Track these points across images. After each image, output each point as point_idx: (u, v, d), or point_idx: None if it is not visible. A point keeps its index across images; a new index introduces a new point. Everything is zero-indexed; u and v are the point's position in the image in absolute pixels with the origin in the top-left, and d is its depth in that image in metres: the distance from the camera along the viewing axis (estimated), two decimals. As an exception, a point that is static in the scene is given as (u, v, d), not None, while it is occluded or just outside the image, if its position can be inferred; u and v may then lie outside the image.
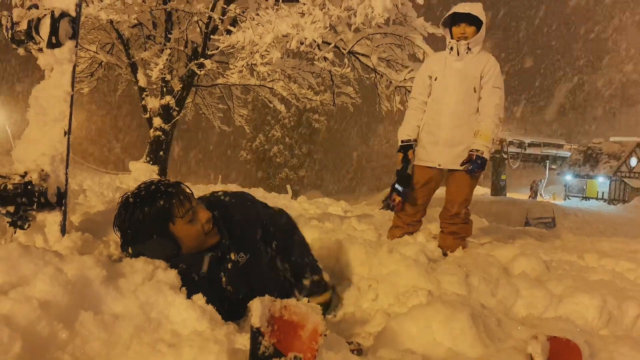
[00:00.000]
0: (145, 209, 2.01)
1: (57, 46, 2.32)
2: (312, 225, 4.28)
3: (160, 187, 2.06)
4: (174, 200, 2.05)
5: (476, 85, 3.71)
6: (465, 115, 3.73)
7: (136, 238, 2.02)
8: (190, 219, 2.07)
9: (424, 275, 2.63)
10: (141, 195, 2.04)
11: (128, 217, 2.02)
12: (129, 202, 2.04)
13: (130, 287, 1.71)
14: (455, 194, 3.82)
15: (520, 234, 5.41)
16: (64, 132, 2.31)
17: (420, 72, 3.95)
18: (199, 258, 2.10)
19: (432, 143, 3.79)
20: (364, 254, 2.98)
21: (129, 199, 2.05)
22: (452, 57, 3.77)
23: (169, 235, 2.03)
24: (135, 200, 2.03)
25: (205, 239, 2.12)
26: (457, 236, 3.84)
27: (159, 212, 2.01)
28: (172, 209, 2.03)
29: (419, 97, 3.89)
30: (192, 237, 2.08)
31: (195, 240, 2.09)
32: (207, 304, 1.75)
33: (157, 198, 2.03)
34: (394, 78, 8.25)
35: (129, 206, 2.03)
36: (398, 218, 4.01)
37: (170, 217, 2.03)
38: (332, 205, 9.55)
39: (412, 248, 3.14)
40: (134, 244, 2.03)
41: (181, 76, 9.95)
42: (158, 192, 2.04)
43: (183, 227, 2.05)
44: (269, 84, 10.16)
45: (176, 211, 2.04)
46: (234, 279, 2.16)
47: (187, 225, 2.06)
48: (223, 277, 2.15)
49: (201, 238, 2.10)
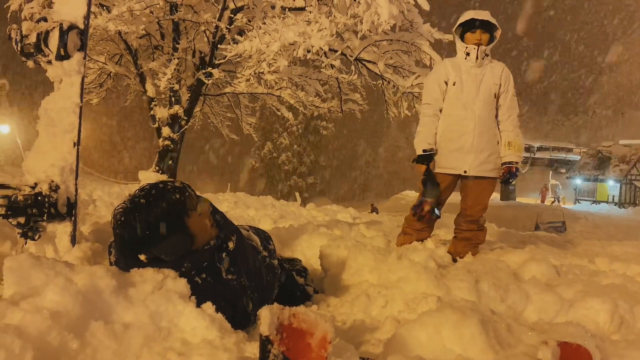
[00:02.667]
0: (163, 204, 1.99)
1: (65, 58, 2.35)
2: (320, 232, 4.28)
3: (168, 184, 2.08)
4: (186, 193, 2.07)
5: (496, 92, 3.73)
6: (488, 121, 3.73)
7: (151, 240, 1.98)
8: (200, 212, 2.10)
9: (433, 281, 2.62)
10: (152, 194, 2.03)
11: (143, 218, 1.97)
12: (140, 204, 1.99)
13: (140, 296, 1.72)
14: (475, 201, 3.80)
15: (530, 239, 5.38)
16: (74, 143, 2.33)
17: (433, 78, 3.87)
18: (203, 252, 2.10)
19: (456, 150, 3.72)
20: (373, 260, 2.98)
21: (139, 200, 2.01)
22: (468, 63, 3.73)
23: (185, 230, 2.03)
24: (148, 199, 2.01)
25: (211, 232, 2.15)
26: (470, 242, 3.83)
27: (176, 206, 2.01)
28: (187, 202, 2.05)
29: (435, 103, 3.80)
30: (205, 230, 2.10)
31: (206, 233, 2.12)
32: (217, 312, 1.76)
33: (170, 193, 2.03)
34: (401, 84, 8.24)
35: (141, 207, 1.99)
36: (408, 224, 3.99)
37: (186, 211, 2.03)
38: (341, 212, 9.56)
39: (421, 254, 3.13)
40: (147, 248, 1.99)
41: (189, 86, 10.00)
42: (170, 188, 2.05)
43: (197, 220, 2.07)
44: (277, 91, 10.19)
45: (190, 204, 2.06)
46: (231, 265, 2.17)
47: (200, 218, 2.09)
48: (222, 267, 2.13)
49: (209, 230, 2.13)
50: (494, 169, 3.74)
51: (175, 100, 10.04)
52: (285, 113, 11.51)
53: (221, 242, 2.17)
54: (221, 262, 2.14)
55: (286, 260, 3.14)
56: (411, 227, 3.95)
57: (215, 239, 2.16)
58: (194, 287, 1.93)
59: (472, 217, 3.79)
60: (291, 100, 10.35)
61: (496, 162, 3.74)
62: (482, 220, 3.84)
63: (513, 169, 3.67)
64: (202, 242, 2.10)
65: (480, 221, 3.81)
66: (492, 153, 3.72)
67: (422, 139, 3.77)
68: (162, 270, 1.93)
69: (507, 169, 3.68)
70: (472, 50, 3.70)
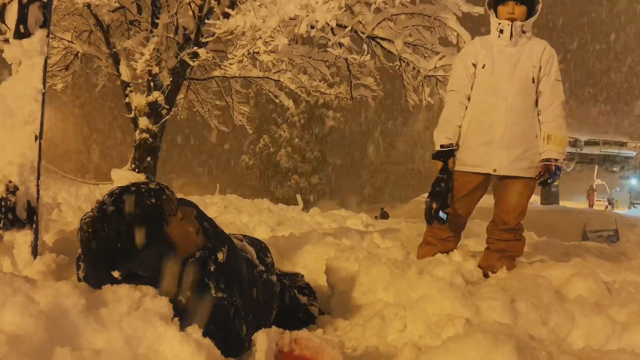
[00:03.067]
0: (136, 211, 2.00)
1: (25, 36, 2.36)
2: (326, 242, 4.29)
3: (142, 187, 2.08)
4: (163, 196, 2.07)
5: (535, 76, 3.70)
6: (524, 110, 3.70)
7: (125, 253, 1.99)
8: (182, 217, 2.11)
9: (460, 300, 2.61)
10: (123, 199, 2.02)
11: (114, 227, 1.98)
12: (109, 212, 2.00)
13: (113, 317, 1.73)
14: (510, 205, 3.78)
15: (576, 250, 5.36)
16: (35, 137, 2.34)
17: (460, 59, 3.87)
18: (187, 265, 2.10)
19: (485, 144, 3.71)
20: (389, 275, 2.98)
21: (108, 208, 2.01)
22: (502, 41, 3.72)
23: (164, 240, 2.04)
24: (118, 206, 2.01)
25: (197, 240, 2.16)
26: (504, 255, 3.82)
27: (152, 213, 2.02)
28: (164, 206, 2.05)
29: (462, 89, 3.80)
30: (188, 239, 2.12)
31: (190, 241, 2.13)
32: (205, 337, 1.76)
33: (144, 197, 2.04)
34: (422, 66, 8.23)
35: (111, 216, 2.00)
36: (430, 233, 3.98)
37: (164, 217, 2.04)
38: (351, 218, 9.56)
39: (446, 268, 3.13)
40: (121, 262, 2.00)
41: (171, 68, 10.02)
42: (144, 191, 2.05)
43: (178, 228, 2.08)
44: (274, 75, 10.19)
45: (168, 208, 2.06)
46: (221, 281, 2.17)
47: (181, 224, 2.10)
48: (211, 284, 2.13)
49: (194, 238, 2.14)
50: (530, 168, 3.72)
51: (155, 85, 10.06)
52: (285, 101, 11.51)
53: (209, 253, 2.18)
54: (210, 277, 2.14)
55: (286, 275, 3.15)
56: (434, 236, 3.95)
57: (202, 250, 2.16)
58: (178, 306, 1.94)
59: (507, 224, 3.79)
60: (292, 86, 10.35)
61: (533, 160, 3.72)
62: (520, 228, 3.83)
63: (552, 167, 3.63)
64: (185, 253, 2.11)
65: (517, 229, 3.80)
66: (529, 149, 3.70)
67: (441, 132, 3.78)
68: (139, 287, 1.93)
69: (546, 168, 3.65)
70: (505, 27, 3.69)
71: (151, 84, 10.09)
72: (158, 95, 9.99)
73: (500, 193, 3.83)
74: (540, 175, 3.66)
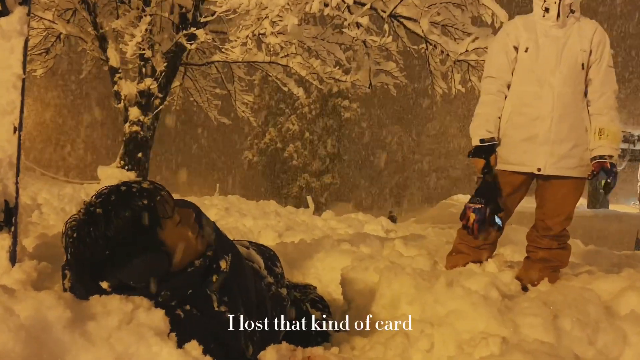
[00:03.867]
0: (126, 214, 1.99)
1: (3, 14, 2.37)
2: (342, 249, 4.29)
3: (133, 186, 2.07)
4: (157, 197, 2.07)
5: (584, 61, 3.67)
6: (573, 101, 3.67)
7: (113, 262, 1.99)
8: (179, 220, 2.11)
9: (496, 316, 2.61)
10: (112, 200, 2.02)
11: (101, 233, 1.97)
12: (96, 215, 2.00)
13: (102, 332, 1.74)
14: (555, 209, 3.77)
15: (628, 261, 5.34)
16: (14, 128, 2.35)
17: (499, 42, 3.85)
18: (185, 275, 2.11)
19: (528, 140, 3.69)
20: (414, 288, 2.97)
21: (93, 210, 2.01)
22: (547, 22, 3.69)
23: (158, 246, 2.04)
24: (106, 208, 2.00)
25: (196, 245, 2.16)
26: (547, 265, 3.80)
27: (145, 215, 2.01)
28: (158, 208, 2.05)
29: (501, 76, 3.78)
30: (185, 243, 2.11)
31: (188, 247, 2.12)
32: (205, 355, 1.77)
33: (136, 197, 2.03)
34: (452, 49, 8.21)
35: (98, 219, 1.99)
36: (462, 240, 3.97)
37: (158, 221, 2.03)
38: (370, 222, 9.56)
39: (479, 280, 3.12)
40: (109, 272, 2.00)
41: (165, 52, 10.06)
42: (135, 192, 2.05)
43: (174, 231, 2.08)
44: (282, 60, 10.21)
45: (163, 210, 2.06)
46: (225, 293, 2.18)
47: (178, 228, 2.09)
48: (213, 296, 2.14)
49: (192, 244, 2.14)
50: (579, 166, 3.71)
51: (147, 71, 10.11)
52: (294, 89, 11.53)
53: (210, 261, 2.18)
54: (212, 289, 2.15)
55: (297, 287, 3.16)
56: (466, 244, 3.94)
57: (202, 258, 2.17)
58: (175, 321, 1.95)
59: (551, 230, 3.77)
60: (302, 72, 10.36)
61: (582, 157, 3.70)
62: (565, 235, 3.82)
63: (607, 166, 3.61)
64: (183, 261, 2.11)
65: (561, 236, 3.79)
66: (578, 144, 3.67)
67: (480, 125, 3.76)
68: (131, 298, 1.94)
69: (598, 166, 3.63)
70: (551, 5, 3.66)
71: (143, 69, 10.13)
72: (150, 83, 10.02)
73: (543, 195, 3.81)
74: (594, 175, 3.64)
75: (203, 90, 12.93)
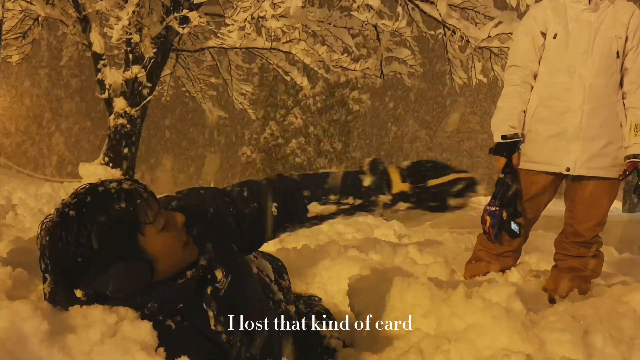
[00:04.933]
0: (101, 219, 1.95)
1: (-24, -5, 2.38)
2: (349, 256, 4.29)
3: (111, 186, 2.03)
4: (138, 200, 2.02)
5: (620, 49, 3.66)
6: (606, 93, 3.67)
7: (88, 269, 1.96)
8: (164, 225, 2.06)
9: (519, 331, 2.61)
10: (87, 202, 1.98)
11: (73, 238, 1.94)
12: (68, 218, 1.96)
13: (83, 346, 1.74)
14: (586, 213, 3.77)
15: (667, 271, 5.33)
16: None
17: (524, 27, 3.86)
18: (176, 287, 2.09)
19: (556, 136, 3.70)
20: (429, 299, 2.97)
21: (67, 212, 1.97)
22: (578, 5, 3.69)
23: (138, 253, 2.00)
24: (80, 210, 1.96)
25: (184, 254, 2.12)
26: (577, 275, 3.80)
27: (122, 220, 1.97)
28: (138, 212, 2.00)
29: (527, 65, 3.79)
30: (170, 251, 2.06)
31: (174, 256, 2.08)
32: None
33: (113, 199, 1.98)
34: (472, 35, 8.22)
35: (71, 222, 1.96)
36: (482, 247, 3.97)
37: (138, 225, 1.99)
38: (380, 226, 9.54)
39: (501, 291, 3.12)
40: (85, 280, 1.98)
41: (155, 37, 10.08)
42: (114, 193, 2.00)
43: (157, 238, 2.03)
44: (285, 46, 10.21)
45: (144, 215, 2.02)
46: (224, 311, 2.16)
47: (162, 235, 2.04)
48: (210, 312, 2.13)
49: (179, 252, 2.10)
50: (612, 166, 3.70)
51: (135, 58, 10.12)
52: (298, 78, 11.53)
53: (204, 272, 2.17)
54: (209, 304, 2.14)
55: (300, 298, 3.16)
56: (487, 251, 3.95)
57: (194, 269, 2.14)
58: (165, 333, 1.94)
59: (581, 237, 3.77)
60: (306, 60, 10.36)
61: (617, 155, 3.69)
62: (597, 242, 3.82)
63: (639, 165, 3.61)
64: (171, 270, 2.09)
65: (593, 243, 3.79)
66: (612, 142, 3.67)
67: (502, 120, 3.77)
68: (115, 309, 1.94)
69: (631, 166, 3.63)
70: None
71: (130, 56, 10.15)
72: (138, 71, 10.04)
73: (573, 197, 3.81)
74: (625, 175, 3.64)
75: (196, 79, 12.94)
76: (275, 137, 42.10)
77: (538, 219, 3.97)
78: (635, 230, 22.82)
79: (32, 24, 11.38)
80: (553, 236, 4.01)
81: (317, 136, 42.01)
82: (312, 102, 41.35)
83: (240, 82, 13.02)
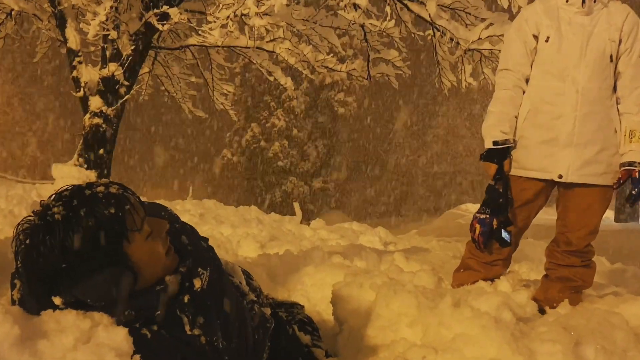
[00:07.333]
0: (89, 223, 1.95)
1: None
2: (333, 263, 4.30)
3: (99, 189, 2.03)
4: (126, 206, 2.03)
5: (613, 53, 3.68)
6: (600, 98, 3.69)
7: (70, 276, 1.96)
8: (149, 233, 2.08)
9: (509, 342, 2.62)
10: (73, 206, 1.98)
11: (58, 243, 1.94)
12: (53, 221, 1.96)
13: (56, 353, 1.73)
14: (578, 221, 3.78)
15: (660, 281, 5.37)
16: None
17: (516, 29, 3.87)
18: (153, 294, 2.09)
19: (548, 142, 3.71)
20: (416, 308, 2.98)
21: (51, 215, 1.97)
22: (571, 7, 3.69)
23: (123, 260, 2.01)
24: (67, 214, 1.96)
25: (166, 263, 2.14)
26: (568, 285, 3.82)
27: (110, 226, 1.98)
28: (126, 218, 2.02)
29: (518, 69, 3.80)
30: (155, 259, 2.09)
31: (157, 264, 2.10)
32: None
33: (101, 205, 1.99)
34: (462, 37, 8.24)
35: (56, 226, 1.95)
36: (471, 255, 3.98)
37: (125, 233, 2.01)
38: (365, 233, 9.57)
39: (490, 300, 3.13)
40: (66, 286, 1.97)
41: (133, 33, 10.05)
42: (102, 197, 2.01)
43: (143, 246, 2.05)
44: (268, 45, 10.20)
45: (132, 222, 2.03)
46: (199, 315, 2.17)
47: (148, 243, 2.06)
48: (184, 318, 2.13)
49: (163, 260, 2.12)
50: (606, 173, 3.72)
51: (112, 55, 10.09)
52: (282, 79, 11.52)
53: (183, 279, 2.18)
54: (184, 310, 2.14)
55: (282, 305, 3.15)
56: (475, 259, 3.95)
57: (173, 274, 2.15)
58: (140, 341, 1.94)
59: (573, 245, 3.78)
60: (290, 60, 10.36)
61: (610, 162, 3.71)
62: (589, 251, 3.83)
63: (637, 174, 3.63)
64: (151, 278, 2.10)
65: (585, 253, 3.80)
66: (605, 148, 3.69)
67: (493, 125, 3.78)
68: (90, 314, 1.93)
69: (626, 174, 3.65)
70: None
71: (106, 53, 10.11)
72: (115, 69, 10.00)
73: (565, 205, 3.82)
74: (619, 184, 3.65)
75: (176, 78, 12.90)
76: (257, 139, 42.02)
77: (529, 227, 3.98)
78: (627, 240, 22.97)
79: (4, 18, 11.30)
80: (544, 245, 4.03)
81: (300, 139, 42.01)
82: (296, 103, 41.34)
83: (222, 82, 13.00)
